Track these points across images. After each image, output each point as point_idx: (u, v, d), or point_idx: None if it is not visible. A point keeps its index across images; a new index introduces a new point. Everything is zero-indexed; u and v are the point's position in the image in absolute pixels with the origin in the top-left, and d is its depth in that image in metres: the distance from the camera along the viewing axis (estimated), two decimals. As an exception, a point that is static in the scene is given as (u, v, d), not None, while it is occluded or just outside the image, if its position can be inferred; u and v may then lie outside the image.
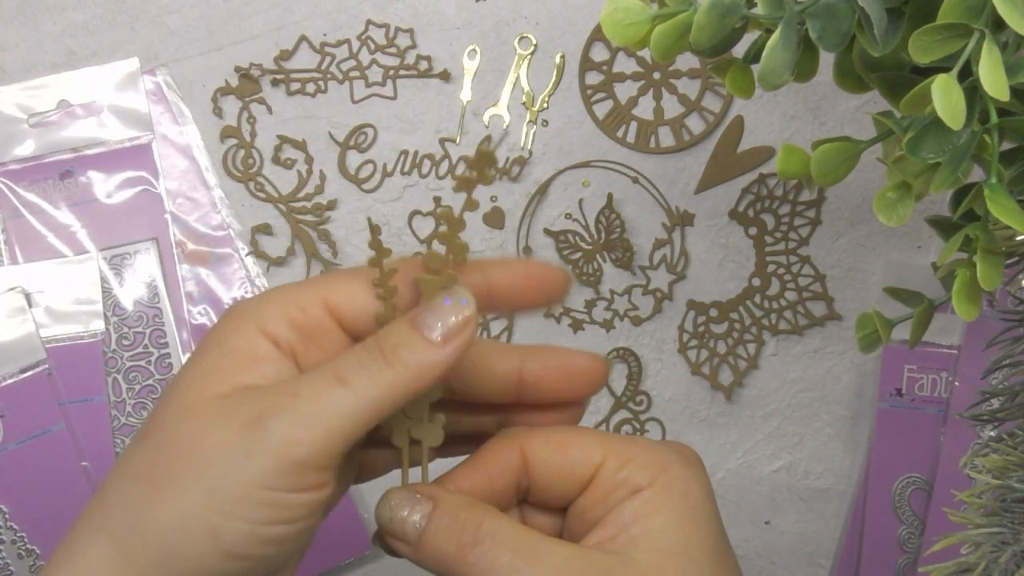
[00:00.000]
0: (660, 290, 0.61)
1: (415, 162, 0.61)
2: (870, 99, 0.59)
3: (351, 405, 0.32)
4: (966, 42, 0.32)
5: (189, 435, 0.32)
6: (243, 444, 0.31)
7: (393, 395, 0.32)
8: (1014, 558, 0.36)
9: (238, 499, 0.31)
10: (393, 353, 0.32)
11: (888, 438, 0.59)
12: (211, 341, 0.34)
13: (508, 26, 0.61)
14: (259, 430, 0.31)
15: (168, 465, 0.32)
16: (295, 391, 0.32)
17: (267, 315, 0.34)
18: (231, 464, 0.31)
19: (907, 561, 0.59)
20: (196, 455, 0.31)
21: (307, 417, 0.31)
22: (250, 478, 0.31)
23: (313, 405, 0.31)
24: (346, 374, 0.32)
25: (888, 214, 0.38)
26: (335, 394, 0.32)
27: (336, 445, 0.31)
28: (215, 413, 0.32)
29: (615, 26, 0.37)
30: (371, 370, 0.32)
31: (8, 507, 0.57)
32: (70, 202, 0.60)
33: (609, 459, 0.36)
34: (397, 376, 0.32)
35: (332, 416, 0.31)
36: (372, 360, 0.32)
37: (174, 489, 0.31)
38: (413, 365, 0.32)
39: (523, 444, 0.36)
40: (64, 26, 0.61)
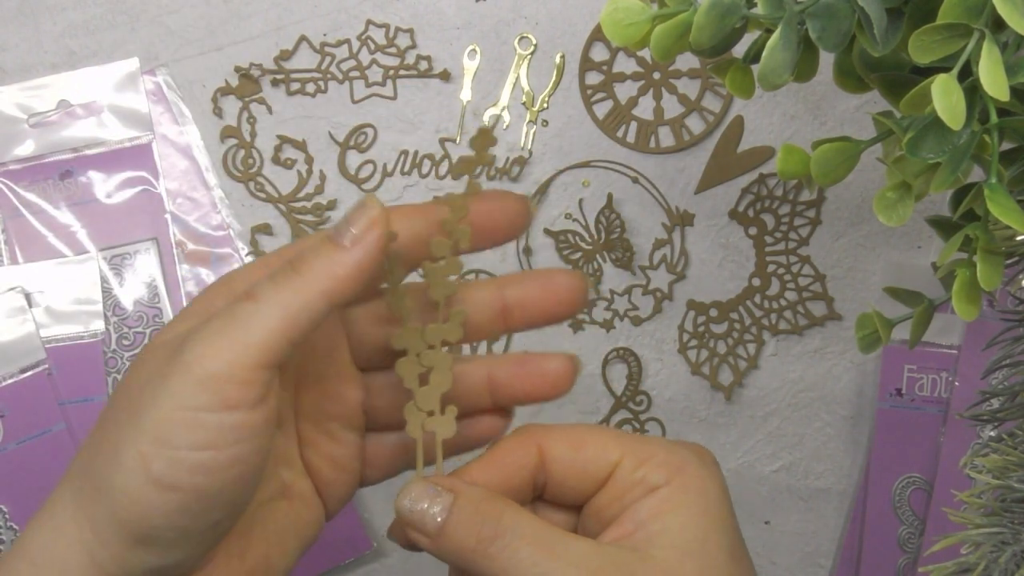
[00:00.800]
0: (660, 290, 0.61)
1: (415, 162, 0.61)
2: (870, 99, 0.59)
3: (258, 313, 0.31)
4: (966, 42, 0.32)
5: (139, 377, 0.32)
6: (164, 369, 0.31)
7: (303, 300, 0.32)
8: (1014, 558, 0.37)
9: (160, 423, 0.31)
10: (301, 262, 0.32)
11: (888, 438, 0.59)
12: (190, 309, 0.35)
13: (508, 26, 0.61)
14: (176, 352, 0.31)
15: (112, 411, 0.33)
16: (210, 316, 0.32)
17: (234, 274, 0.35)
18: (153, 390, 0.31)
19: (907, 561, 0.59)
20: (130, 393, 0.32)
21: (215, 333, 0.31)
22: (169, 399, 0.31)
23: (221, 320, 0.31)
24: (255, 290, 0.32)
25: (888, 214, 0.38)
26: (243, 308, 0.32)
27: (250, 355, 0.31)
28: (149, 356, 0.33)
29: (615, 26, 0.37)
30: (279, 281, 0.32)
31: (8, 507, 0.57)
32: (70, 202, 0.60)
33: (626, 458, 0.36)
34: (305, 282, 0.32)
35: (241, 328, 0.31)
36: (281, 272, 0.32)
37: (112, 428, 0.32)
38: (321, 269, 0.32)
39: (541, 441, 0.37)
40: (64, 26, 0.61)
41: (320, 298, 0.32)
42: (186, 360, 0.31)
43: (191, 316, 0.34)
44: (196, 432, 0.31)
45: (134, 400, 0.32)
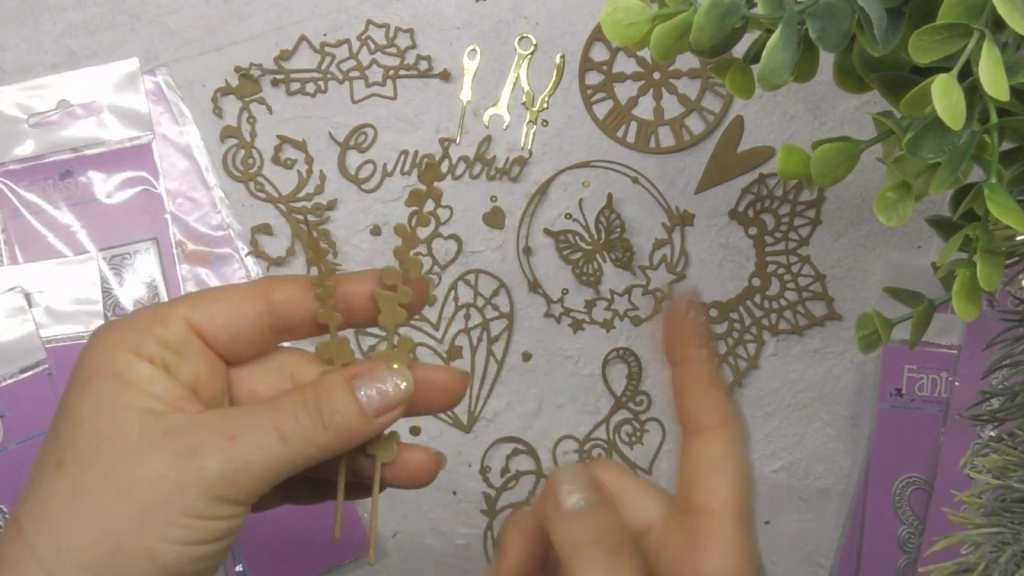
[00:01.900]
0: (660, 290, 0.61)
1: (415, 162, 0.61)
2: (870, 99, 0.59)
3: (284, 457, 0.35)
4: (966, 42, 0.32)
5: (115, 463, 0.34)
6: (177, 476, 0.33)
7: (323, 454, 0.36)
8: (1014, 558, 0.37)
9: (171, 524, 0.33)
10: (331, 418, 0.35)
11: (888, 438, 0.59)
12: (90, 368, 0.36)
13: (508, 26, 0.61)
14: (193, 465, 0.33)
15: (97, 492, 0.33)
16: (232, 433, 0.34)
17: (136, 336, 0.35)
18: (164, 494, 0.33)
19: (907, 561, 0.59)
20: (125, 482, 0.33)
21: (242, 462, 0.34)
22: (183, 507, 0.33)
23: (250, 452, 0.34)
24: (285, 429, 0.35)
25: (888, 214, 0.38)
26: (272, 446, 0.34)
27: (263, 486, 0.35)
28: (140, 441, 0.34)
29: (615, 26, 0.37)
30: (307, 430, 0.35)
31: (8, 507, 0.57)
32: (70, 202, 0.60)
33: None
34: (330, 440, 0.35)
35: (266, 464, 0.34)
36: (310, 421, 0.35)
37: (105, 515, 0.33)
38: (346, 433, 0.36)
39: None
40: (64, 26, 0.61)
41: (333, 452, 0.36)
42: (207, 479, 0.33)
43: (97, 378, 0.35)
44: (203, 534, 0.34)
45: (129, 492, 0.33)
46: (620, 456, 0.61)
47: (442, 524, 0.61)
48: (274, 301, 0.37)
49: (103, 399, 0.35)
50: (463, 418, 0.61)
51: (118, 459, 0.34)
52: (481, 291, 0.61)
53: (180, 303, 0.36)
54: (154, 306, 0.37)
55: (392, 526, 0.61)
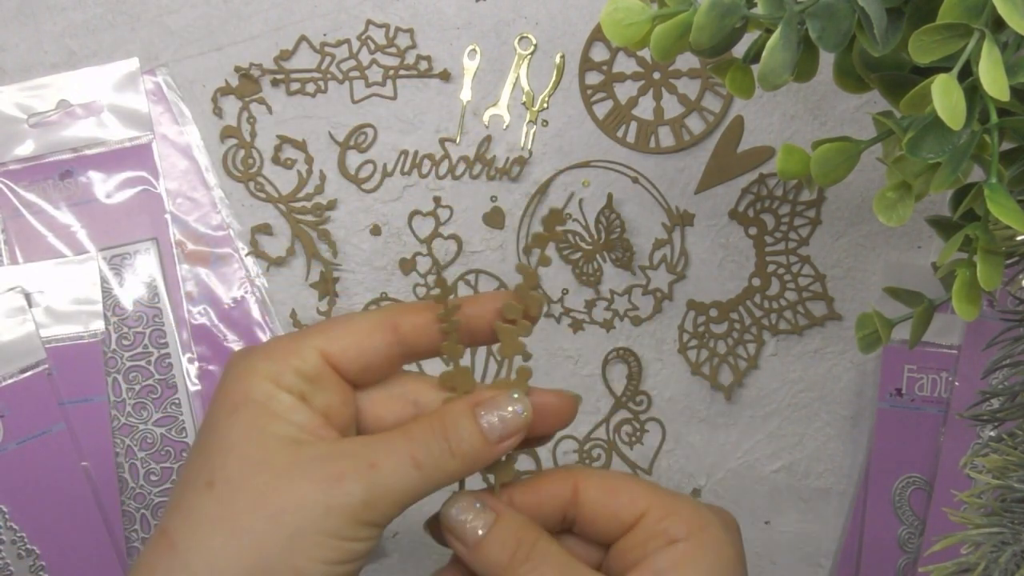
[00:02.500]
0: (660, 290, 0.61)
1: (415, 162, 0.61)
2: (870, 99, 0.59)
3: (419, 483, 0.38)
4: (966, 42, 0.32)
5: (265, 487, 0.36)
6: (324, 500, 0.36)
7: (450, 479, 0.39)
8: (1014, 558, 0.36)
9: (318, 546, 0.36)
10: (459, 448, 0.38)
11: (888, 438, 0.59)
12: (236, 396, 0.38)
13: (508, 26, 0.61)
14: (340, 491, 0.36)
15: (249, 514, 0.36)
16: (373, 462, 0.37)
17: (276, 368, 0.38)
18: (312, 517, 0.36)
19: (907, 561, 0.59)
20: (276, 506, 0.36)
21: (384, 489, 0.37)
22: (329, 530, 0.36)
23: (389, 480, 0.37)
24: (420, 457, 0.38)
25: (888, 214, 0.38)
26: (410, 475, 0.37)
27: (399, 510, 0.38)
28: (288, 467, 0.37)
29: (615, 26, 0.37)
30: (439, 460, 0.38)
31: (8, 507, 0.57)
32: (70, 202, 0.60)
33: (653, 508, 0.39)
34: (458, 467, 0.38)
35: (404, 491, 0.37)
36: (441, 452, 0.38)
37: (257, 536, 0.36)
38: (472, 460, 0.39)
39: (577, 480, 0.40)
40: (64, 26, 0.61)
41: (459, 477, 0.39)
42: (351, 504, 0.36)
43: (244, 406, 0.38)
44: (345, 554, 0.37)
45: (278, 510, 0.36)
46: (620, 456, 0.61)
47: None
48: (402, 331, 0.40)
49: (251, 426, 0.38)
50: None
51: (268, 484, 0.36)
52: (481, 291, 0.61)
53: (314, 334, 0.40)
54: (289, 336, 0.40)
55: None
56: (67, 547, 0.57)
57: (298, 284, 0.61)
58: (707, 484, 0.61)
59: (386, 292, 0.61)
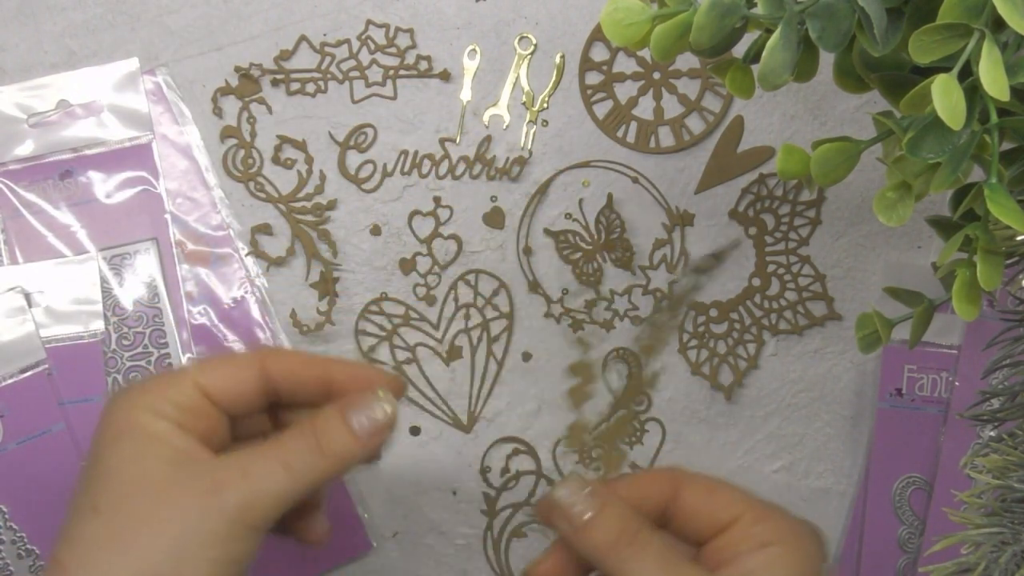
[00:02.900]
0: (660, 290, 0.61)
1: (415, 162, 0.61)
2: (870, 99, 0.59)
3: (291, 485, 0.40)
4: (966, 42, 0.32)
5: (147, 505, 0.39)
6: (202, 509, 0.39)
7: (322, 477, 0.41)
8: (1014, 558, 0.37)
9: (198, 556, 0.39)
10: (329, 447, 0.41)
11: (888, 438, 0.59)
12: (117, 426, 0.41)
13: (508, 26, 0.61)
14: (216, 501, 0.39)
15: (133, 532, 0.39)
16: (245, 470, 0.40)
17: (154, 399, 0.41)
18: (192, 526, 0.39)
19: (907, 561, 0.59)
20: (158, 520, 0.39)
21: (258, 493, 0.40)
22: (208, 538, 0.39)
23: (263, 484, 0.40)
24: (292, 462, 0.40)
25: (888, 214, 0.38)
26: (281, 477, 0.40)
27: (277, 511, 0.40)
28: (167, 485, 0.39)
29: (615, 26, 0.37)
30: (310, 461, 0.41)
31: (8, 507, 0.57)
32: (70, 202, 0.60)
33: (748, 513, 0.41)
34: (330, 465, 0.41)
35: (277, 492, 0.40)
36: (311, 453, 0.41)
37: (142, 551, 0.38)
38: (340, 456, 0.41)
39: (680, 481, 0.43)
40: (64, 26, 0.61)
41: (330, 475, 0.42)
42: (227, 510, 0.39)
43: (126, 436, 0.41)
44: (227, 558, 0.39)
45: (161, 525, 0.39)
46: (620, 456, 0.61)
47: (442, 524, 0.61)
48: (269, 372, 0.43)
49: (132, 451, 0.40)
50: (463, 418, 0.61)
51: (150, 502, 0.39)
52: (481, 291, 0.61)
53: (191, 369, 0.43)
54: (168, 372, 0.45)
55: (392, 526, 0.61)
56: (67, 547, 0.57)
57: (298, 284, 0.61)
58: (707, 484, 0.61)
59: (386, 292, 0.61)
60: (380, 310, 0.61)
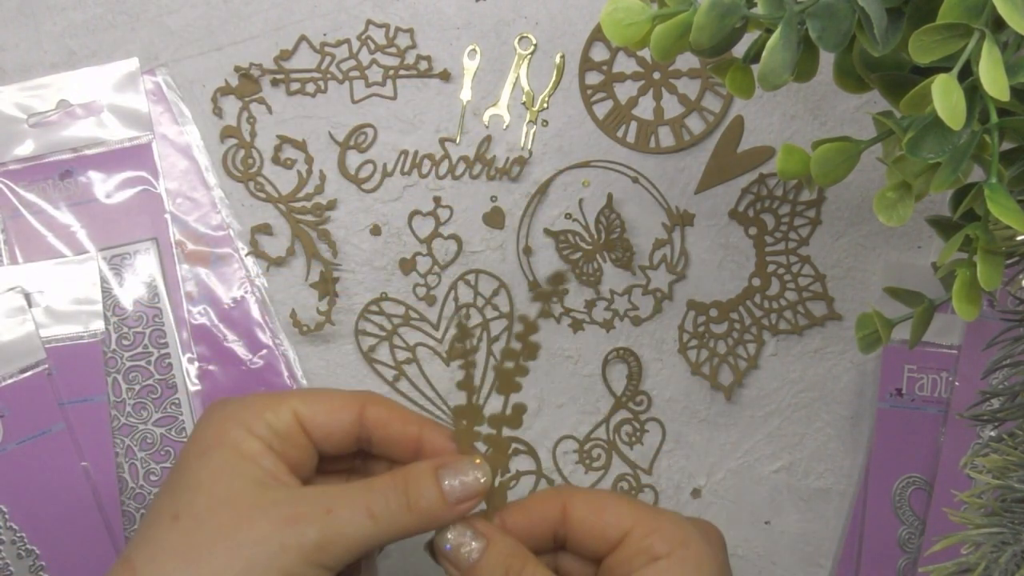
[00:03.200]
0: (660, 290, 0.61)
1: (415, 162, 0.61)
2: (870, 99, 0.59)
3: (373, 533, 0.40)
4: (966, 42, 0.32)
5: (228, 523, 0.39)
6: (280, 539, 0.39)
7: (406, 533, 0.41)
8: (1014, 558, 0.37)
9: None
10: (416, 504, 0.41)
11: (888, 438, 0.59)
12: (210, 439, 0.41)
13: (508, 26, 0.61)
14: (296, 531, 0.39)
15: (208, 545, 0.38)
16: (329, 507, 0.40)
17: (250, 416, 0.41)
18: (269, 554, 0.38)
19: (907, 561, 0.59)
20: (235, 540, 0.38)
21: (337, 535, 0.39)
22: (281, 566, 0.38)
23: (344, 527, 0.39)
24: (376, 512, 0.40)
25: (888, 214, 0.38)
26: (363, 524, 0.40)
27: (352, 556, 0.40)
28: (251, 507, 0.39)
29: (615, 26, 0.37)
30: (396, 514, 0.40)
31: (8, 507, 0.57)
32: (70, 202, 0.60)
33: (638, 526, 0.41)
34: (414, 522, 0.41)
35: (357, 538, 0.40)
36: (398, 506, 0.40)
37: (215, 566, 0.38)
38: (427, 516, 0.41)
39: (566, 500, 0.43)
40: (64, 26, 0.61)
41: (414, 532, 0.41)
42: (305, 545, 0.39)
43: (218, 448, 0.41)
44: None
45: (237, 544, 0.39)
46: (620, 456, 0.61)
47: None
48: (366, 416, 0.43)
49: (221, 467, 0.40)
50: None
51: (231, 520, 0.39)
52: (481, 291, 0.61)
53: (292, 396, 0.43)
54: (269, 393, 0.44)
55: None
56: (67, 547, 0.57)
57: (298, 284, 0.61)
58: (707, 484, 0.61)
59: (386, 292, 0.61)
60: (380, 310, 0.61)
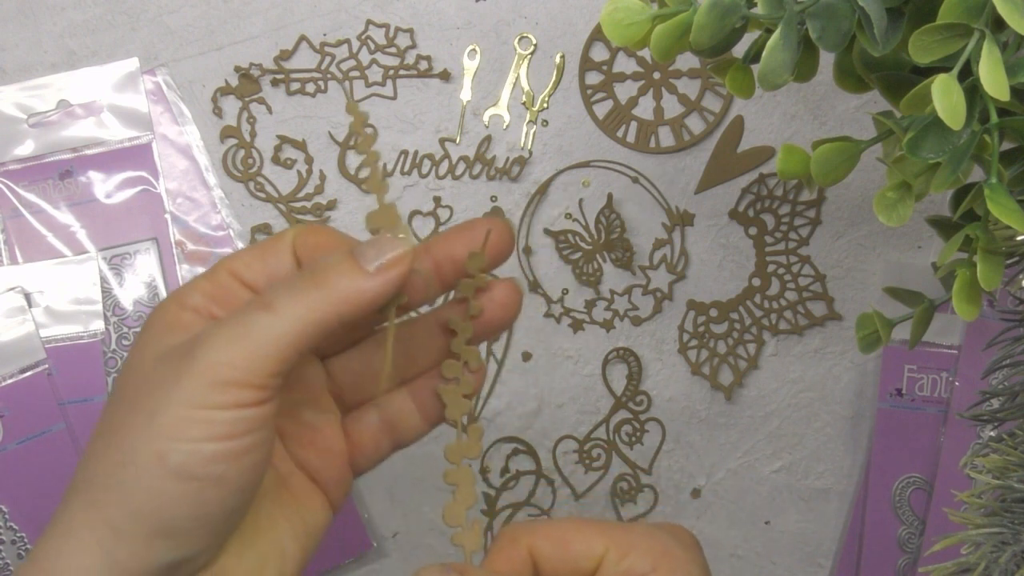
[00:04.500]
0: (660, 290, 0.61)
1: (415, 162, 0.61)
2: (870, 99, 0.59)
3: (274, 325, 0.33)
4: (966, 42, 0.32)
5: (135, 386, 0.34)
6: (175, 373, 0.33)
7: (318, 316, 0.33)
8: (1014, 558, 0.37)
9: (176, 421, 0.32)
10: (323, 275, 0.34)
11: (888, 438, 0.59)
12: (144, 326, 0.36)
13: (508, 26, 0.61)
14: (188, 357, 0.33)
15: (121, 417, 0.34)
16: (221, 320, 0.34)
17: (183, 292, 0.36)
18: (166, 392, 0.33)
19: (907, 561, 0.59)
20: (140, 397, 0.33)
21: (229, 340, 0.33)
22: (183, 400, 0.32)
23: (235, 328, 0.33)
24: (271, 299, 0.34)
25: (888, 214, 0.38)
26: (258, 317, 0.33)
27: (264, 364, 0.33)
28: (155, 362, 0.34)
29: (615, 26, 0.37)
30: (296, 292, 0.34)
31: (8, 507, 0.57)
32: (70, 202, 0.60)
33: (611, 550, 0.37)
34: (323, 297, 0.34)
35: (256, 336, 0.33)
36: (301, 282, 0.34)
37: (124, 431, 0.33)
38: (341, 289, 0.34)
39: (529, 543, 0.38)
40: (64, 26, 0.61)
41: (334, 317, 0.34)
42: (200, 367, 0.33)
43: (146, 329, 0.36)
44: (211, 427, 0.32)
45: (141, 405, 0.33)
46: (620, 456, 0.61)
47: (442, 524, 0.61)
48: (300, 250, 0.37)
49: (148, 345, 0.35)
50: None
51: (139, 382, 0.34)
52: (481, 291, 0.61)
53: (225, 259, 0.37)
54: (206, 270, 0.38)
55: (392, 526, 0.61)
56: (67, 547, 0.57)
57: (298, 284, 0.61)
58: (707, 484, 0.61)
59: (386, 292, 0.61)
60: (380, 310, 0.61)
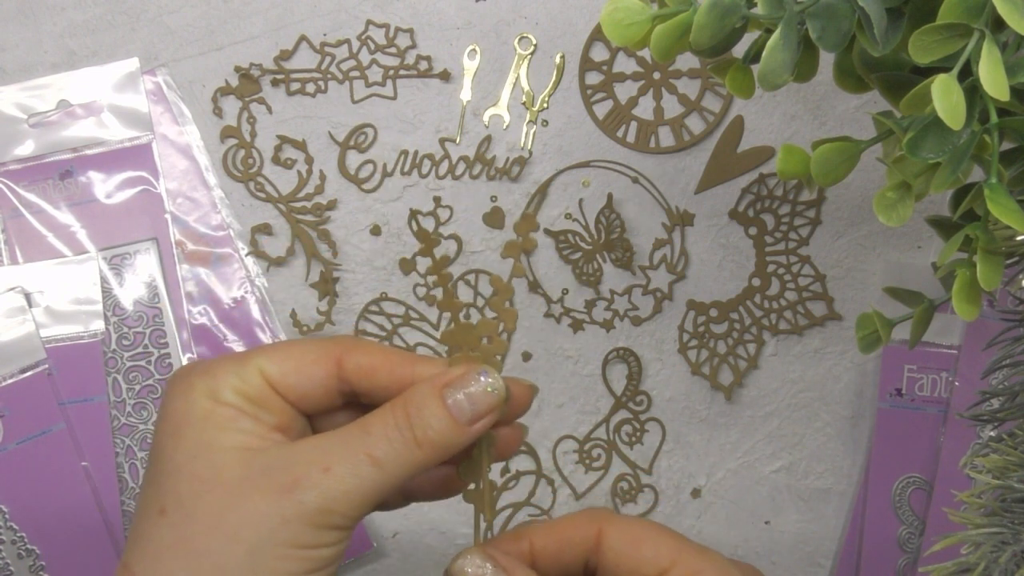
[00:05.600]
0: (660, 290, 0.61)
1: (415, 162, 0.61)
2: (870, 99, 0.59)
3: (380, 480, 0.35)
4: (966, 42, 0.32)
5: (218, 506, 0.35)
6: (279, 511, 0.34)
7: (419, 470, 0.36)
8: (1014, 558, 0.37)
9: (279, 558, 0.34)
10: (424, 434, 0.36)
11: (888, 438, 0.59)
12: (178, 416, 0.36)
13: (508, 26, 0.61)
14: (294, 500, 0.34)
15: (205, 537, 0.35)
16: (327, 465, 0.35)
17: (215, 384, 0.37)
18: (269, 530, 0.34)
19: (907, 561, 0.59)
20: (231, 525, 0.34)
21: (341, 493, 0.35)
22: (287, 540, 0.34)
23: (345, 482, 0.35)
24: (378, 455, 0.35)
25: (888, 214, 0.38)
26: (368, 474, 0.35)
27: (362, 510, 0.36)
28: (239, 481, 0.35)
29: (615, 26, 0.37)
30: (401, 452, 0.36)
31: (8, 507, 0.57)
32: (70, 202, 0.60)
33: (678, 567, 0.37)
34: (425, 455, 0.36)
35: (363, 491, 0.35)
36: (403, 442, 0.36)
37: (215, 559, 0.34)
38: (441, 447, 0.36)
39: (603, 526, 0.38)
40: (64, 26, 0.61)
41: (428, 467, 0.36)
42: (308, 512, 0.35)
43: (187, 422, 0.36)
44: (308, 563, 0.35)
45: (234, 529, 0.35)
46: (620, 456, 0.61)
47: (442, 524, 0.61)
48: (345, 368, 0.38)
49: (197, 443, 0.36)
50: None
51: (221, 502, 0.35)
52: (481, 291, 0.61)
53: (258, 354, 0.38)
54: (234, 355, 0.38)
55: (392, 526, 0.61)
56: (67, 547, 0.57)
57: (298, 284, 0.61)
58: (707, 484, 0.61)
59: (386, 292, 0.61)
60: (380, 310, 0.61)
